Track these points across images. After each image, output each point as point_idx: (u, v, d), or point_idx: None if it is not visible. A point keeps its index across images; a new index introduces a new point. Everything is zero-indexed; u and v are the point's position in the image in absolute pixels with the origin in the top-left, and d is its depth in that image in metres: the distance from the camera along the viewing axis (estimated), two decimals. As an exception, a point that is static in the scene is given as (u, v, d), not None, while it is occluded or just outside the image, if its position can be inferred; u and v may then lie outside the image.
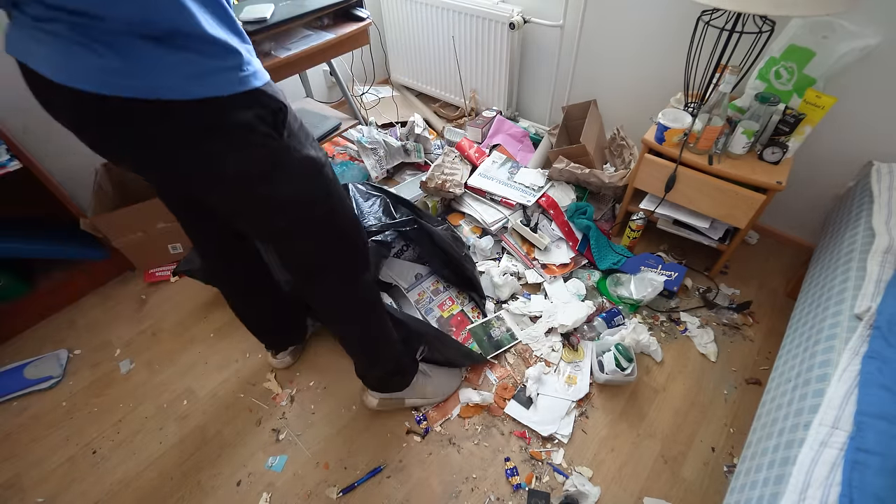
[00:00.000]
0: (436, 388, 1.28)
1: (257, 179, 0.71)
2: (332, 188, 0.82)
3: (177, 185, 0.86)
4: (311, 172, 0.77)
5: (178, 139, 0.62)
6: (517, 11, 1.84)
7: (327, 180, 0.81)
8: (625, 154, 1.75)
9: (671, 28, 1.56)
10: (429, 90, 2.45)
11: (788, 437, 0.84)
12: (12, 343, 1.50)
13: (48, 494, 1.16)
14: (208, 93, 0.59)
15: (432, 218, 1.57)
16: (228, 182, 0.71)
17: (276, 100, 0.68)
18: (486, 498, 1.13)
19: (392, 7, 2.24)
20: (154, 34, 0.54)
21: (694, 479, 1.16)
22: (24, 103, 1.39)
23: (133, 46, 0.53)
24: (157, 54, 0.55)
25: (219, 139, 0.64)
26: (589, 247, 1.65)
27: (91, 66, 0.53)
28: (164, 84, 0.56)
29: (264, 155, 0.69)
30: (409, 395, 1.25)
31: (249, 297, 1.18)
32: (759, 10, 1.01)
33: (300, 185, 0.76)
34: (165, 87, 0.56)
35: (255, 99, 0.65)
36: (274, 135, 0.68)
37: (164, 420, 1.30)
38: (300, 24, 1.55)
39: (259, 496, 1.14)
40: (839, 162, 1.46)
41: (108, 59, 0.53)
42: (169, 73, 0.56)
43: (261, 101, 0.66)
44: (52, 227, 1.56)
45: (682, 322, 1.49)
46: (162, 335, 1.52)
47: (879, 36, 1.20)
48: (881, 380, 0.77)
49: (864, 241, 1.09)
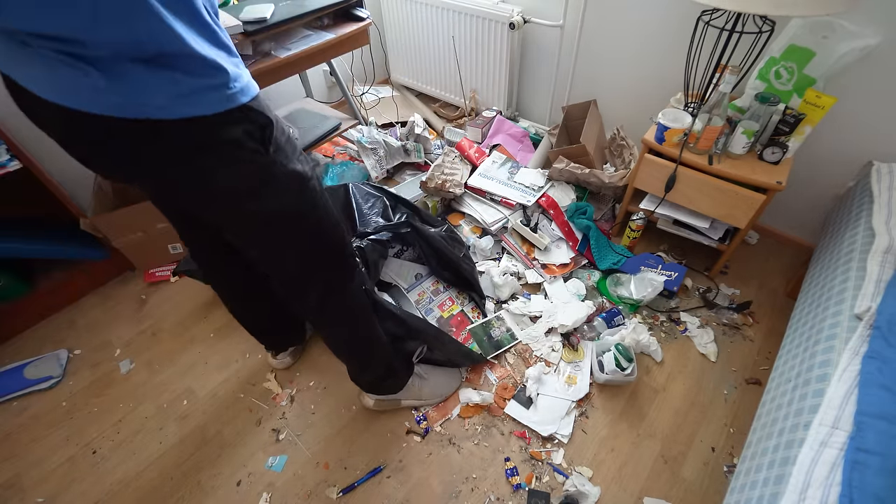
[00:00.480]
0: (433, 389, 1.29)
1: (245, 195, 0.72)
2: (318, 200, 0.83)
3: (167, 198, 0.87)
4: (297, 187, 0.77)
5: (167, 157, 0.62)
6: (517, 11, 1.84)
7: (314, 193, 0.81)
8: (625, 154, 1.75)
9: (671, 28, 1.56)
10: (429, 90, 2.45)
11: (788, 437, 0.84)
12: (12, 343, 1.50)
13: (48, 494, 1.16)
14: (195, 112, 0.59)
15: (432, 218, 1.57)
16: (217, 198, 0.72)
17: (264, 115, 0.68)
18: (486, 498, 1.13)
19: (392, 7, 2.24)
20: (139, 56, 0.54)
21: (694, 479, 1.16)
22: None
23: (119, 67, 0.53)
24: (143, 74, 0.54)
25: (207, 156, 0.64)
26: (589, 247, 1.65)
27: (78, 84, 0.53)
28: (151, 103, 0.56)
29: (252, 171, 0.69)
30: (405, 396, 1.25)
31: (247, 301, 1.18)
32: (759, 10, 1.01)
33: (287, 199, 0.77)
34: (153, 106, 0.56)
35: (242, 115, 0.65)
36: (261, 150, 0.69)
37: (164, 420, 1.30)
38: (300, 24, 1.55)
39: (259, 496, 1.14)
40: (839, 162, 1.46)
41: (94, 78, 0.53)
42: (155, 92, 0.56)
43: (248, 117, 0.66)
44: (52, 227, 1.56)
45: (682, 322, 1.49)
46: (162, 335, 1.52)
47: (879, 36, 1.20)
48: (881, 380, 0.77)
49: (864, 241, 1.09)
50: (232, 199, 0.72)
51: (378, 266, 1.41)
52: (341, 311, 1.01)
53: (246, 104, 0.65)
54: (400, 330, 1.21)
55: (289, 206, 0.78)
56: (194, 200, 0.73)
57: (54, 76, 0.53)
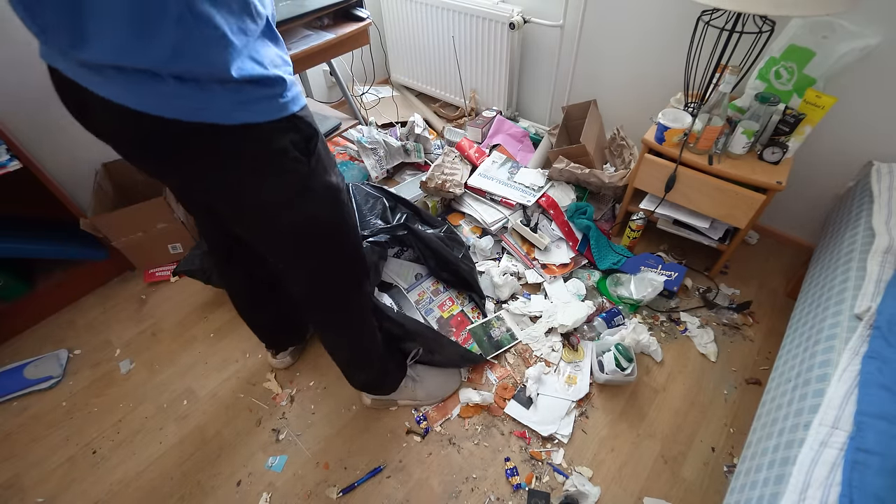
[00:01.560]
0: (428, 391, 1.29)
1: (282, 204, 0.72)
2: (346, 214, 0.83)
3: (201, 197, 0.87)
4: (331, 199, 0.77)
5: (214, 161, 0.62)
6: (517, 11, 1.84)
7: (344, 206, 0.82)
8: (625, 154, 1.75)
9: (671, 28, 1.56)
10: (429, 90, 2.45)
11: (788, 437, 0.84)
12: (12, 343, 1.50)
13: (48, 494, 1.16)
14: (251, 118, 0.59)
15: (432, 218, 1.57)
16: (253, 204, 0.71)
17: (311, 126, 0.69)
18: (486, 498, 1.13)
19: (392, 7, 2.24)
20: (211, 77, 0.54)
21: (694, 479, 1.16)
22: (24, 104, 1.40)
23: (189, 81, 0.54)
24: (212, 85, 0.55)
25: (254, 164, 0.64)
26: (589, 247, 1.65)
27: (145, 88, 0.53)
28: (210, 108, 0.56)
29: (292, 180, 0.69)
30: (399, 397, 1.26)
31: (257, 298, 1.18)
32: (759, 10, 1.01)
33: (320, 211, 0.77)
34: (211, 110, 0.56)
35: (292, 125, 0.65)
36: (303, 160, 0.68)
37: (164, 420, 1.30)
38: (300, 24, 1.55)
39: (259, 496, 1.14)
40: (839, 162, 1.46)
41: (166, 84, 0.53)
42: (217, 99, 0.56)
43: (297, 127, 0.66)
44: (52, 227, 1.56)
45: (682, 322, 1.49)
46: (162, 335, 1.52)
47: (879, 36, 1.20)
48: (881, 380, 0.77)
49: (864, 241, 1.09)
50: (268, 206, 0.72)
51: (378, 268, 1.41)
52: (349, 320, 1.02)
53: (296, 113, 0.65)
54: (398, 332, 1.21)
55: (321, 218, 0.78)
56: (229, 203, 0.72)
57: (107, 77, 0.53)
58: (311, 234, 0.80)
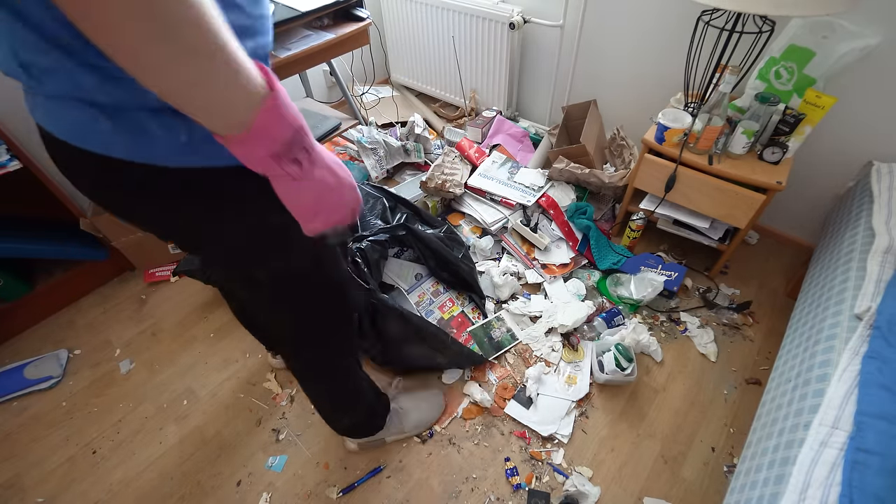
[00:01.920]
0: (417, 420, 1.23)
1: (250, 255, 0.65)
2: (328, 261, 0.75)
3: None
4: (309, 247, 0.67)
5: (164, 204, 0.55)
6: (517, 11, 1.84)
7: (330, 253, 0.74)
8: (625, 154, 1.75)
9: (671, 28, 1.56)
10: (429, 90, 2.45)
11: (788, 437, 0.84)
12: (12, 343, 1.50)
13: (48, 494, 1.16)
14: (202, 162, 0.51)
15: (432, 218, 1.57)
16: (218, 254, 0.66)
17: None
18: (486, 498, 1.13)
19: (392, 7, 2.24)
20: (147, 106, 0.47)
21: (694, 479, 1.16)
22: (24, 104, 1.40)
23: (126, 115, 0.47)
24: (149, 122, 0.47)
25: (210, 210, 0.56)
26: (589, 247, 1.65)
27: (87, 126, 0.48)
28: (156, 152, 0.49)
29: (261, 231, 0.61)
30: (387, 434, 1.19)
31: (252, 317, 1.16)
32: (759, 10, 1.01)
33: (298, 261, 0.68)
34: (157, 154, 0.49)
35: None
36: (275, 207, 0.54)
37: (164, 420, 1.30)
38: (300, 24, 1.55)
39: (259, 496, 1.14)
40: (839, 162, 1.46)
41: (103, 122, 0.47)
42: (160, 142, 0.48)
43: None
44: (52, 227, 1.56)
45: (682, 322, 1.49)
46: (162, 335, 1.52)
47: (879, 36, 1.20)
48: (881, 380, 0.77)
49: (864, 241, 1.09)
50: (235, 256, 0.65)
51: (380, 266, 1.41)
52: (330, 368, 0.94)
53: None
54: (402, 332, 1.21)
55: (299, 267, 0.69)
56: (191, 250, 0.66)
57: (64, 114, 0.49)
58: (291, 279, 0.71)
